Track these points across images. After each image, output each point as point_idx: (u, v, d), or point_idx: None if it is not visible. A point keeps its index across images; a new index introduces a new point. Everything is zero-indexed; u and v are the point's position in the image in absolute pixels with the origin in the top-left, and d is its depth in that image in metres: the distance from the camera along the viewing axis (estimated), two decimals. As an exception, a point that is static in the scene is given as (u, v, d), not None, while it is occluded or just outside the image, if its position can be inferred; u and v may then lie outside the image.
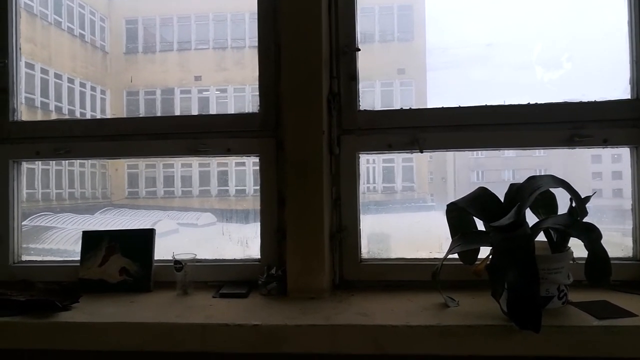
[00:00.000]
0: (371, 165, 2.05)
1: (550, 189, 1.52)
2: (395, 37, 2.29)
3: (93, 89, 2.43)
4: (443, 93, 1.80)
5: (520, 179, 1.51)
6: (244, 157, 1.83)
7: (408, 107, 1.76)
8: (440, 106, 1.74)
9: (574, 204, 1.43)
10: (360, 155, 1.78)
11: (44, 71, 2.30)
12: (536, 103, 1.70)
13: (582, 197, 1.43)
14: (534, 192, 1.40)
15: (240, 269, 1.79)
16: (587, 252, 1.36)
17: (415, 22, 2.28)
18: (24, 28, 1.97)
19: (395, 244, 1.88)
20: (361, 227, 1.78)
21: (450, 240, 1.60)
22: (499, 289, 1.38)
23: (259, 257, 1.79)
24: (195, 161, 2.41)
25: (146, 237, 1.79)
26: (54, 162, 2.31)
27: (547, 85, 1.71)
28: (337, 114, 1.74)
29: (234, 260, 1.83)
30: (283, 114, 1.71)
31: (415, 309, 1.50)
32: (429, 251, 1.78)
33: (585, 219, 1.41)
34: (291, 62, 1.67)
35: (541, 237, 1.50)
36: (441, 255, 1.70)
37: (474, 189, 1.58)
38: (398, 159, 2.00)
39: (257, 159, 1.79)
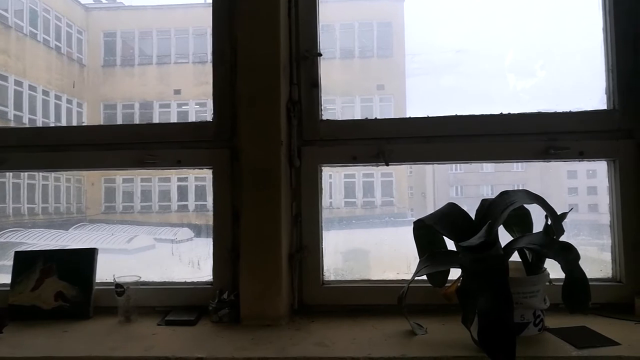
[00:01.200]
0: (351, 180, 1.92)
1: (525, 205, 1.41)
2: (374, 53, 2.22)
3: (69, 101, 2.37)
4: (417, 103, 1.68)
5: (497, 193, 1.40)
6: (195, 169, 1.68)
7: (373, 117, 1.64)
8: (408, 116, 1.63)
9: (549, 222, 1.32)
10: (322, 167, 1.65)
11: (17, 83, 2.23)
12: (509, 113, 1.60)
13: (558, 213, 1.32)
14: (507, 208, 1.28)
15: (190, 292, 1.63)
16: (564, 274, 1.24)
17: (394, 38, 2.21)
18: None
19: (362, 264, 1.74)
20: (324, 246, 1.64)
21: (418, 260, 1.48)
22: (470, 315, 1.25)
23: (212, 279, 1.63)
24: (174, 175, 2.35)
25: (87, 257, 1.62)
26: (25, 175, 2.20)
27: (520, 94, 1.62)
28: (297, 123, 1.61)
29: (184, 283, 1.67)
30: (239, 123, 1.57)
31: (379, 337, 1.36)
32: (396, 272, 1.65)
33: (562, 237, 1.30)
34: (247, 67, 1.54)
35: (515, 256, 1.38)
36: (409, 277, 1.58)
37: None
38: (377, 174, 1.87)
39: (211, 172, 1.64)
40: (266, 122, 1.52)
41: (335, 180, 1.92)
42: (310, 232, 1.61)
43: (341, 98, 1.92)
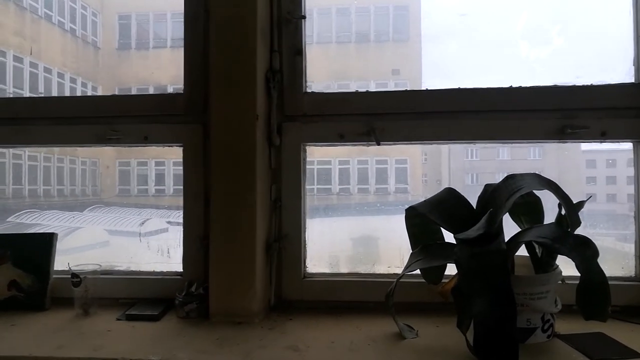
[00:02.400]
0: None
1: (536, 192, 1.22)
2: (390, 37, 2.05)
3: (84, 84, 2.34)
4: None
5: None
6: (165, 146, 1.51)
7: (364, 90, 1.44)
8: (403, 89, 1.43)
9: (563, 212, 1.12)
10: (306, 146, 1.47)
11: (33, 65, 2.21)
12: (520, 86, 1.39)
13: (574, 202, 1.12)
14: (513, 194, 1.09)
15: (159, 284, 1.47)
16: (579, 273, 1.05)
17: (410, 23, 2.04)
18: (12, 21, 1.84)
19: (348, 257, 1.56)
20: (307, 235, 1.46)
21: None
22: (466, 319, 1.07)
23: (182, 269, 1.46)
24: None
25: (44, 243, 1.47)
26: (41, 156, 2.20)
27: (534, 64, 1.41)
28: (277, 95, 1.43)
29: (152, 273, 1.51)
30: (209, 94, 1.39)
31: (362, 340, 1.18)
32: (387, 265, 1.47)
33: (578, 230, 1.11)
34: (220, 31, 1.35)
35: (522, 250, 1.19)
36: (400, 270, 1.40)
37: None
38: (391, 160, 1.69)
39: (181, 150, 1.47)
40: (240, 93, 1.33)
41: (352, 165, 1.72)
42: (291, 219, 1.44)
43: (355, 82, 1.73)
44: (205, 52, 1.43)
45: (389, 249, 1.51)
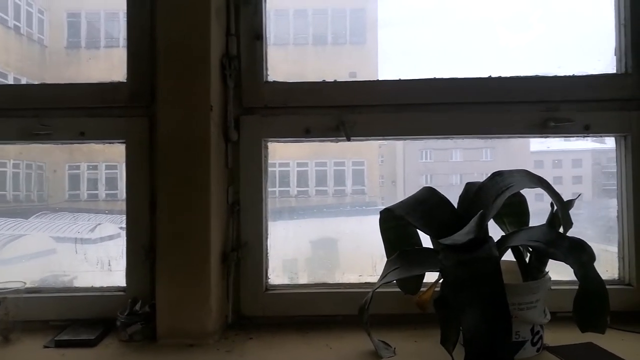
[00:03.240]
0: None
1: (520, 191, 1.10)
2: (347, 40, 1.94)
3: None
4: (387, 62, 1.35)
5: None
6: (104, 143, 1.32)
7: (332, 80, 1.30)
8: (374, 79, 1.29)
9: (554, 211, 1.01)
10: (268, 143, 1.31)
11: None
12: (499, 76, 1.29)
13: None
14: (502, 193, 0.97)
15: (98, 302, 1.27)
16: (573, 281, 0.94)
17: (367, 25, 1.93)
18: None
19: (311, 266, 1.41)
20: (269, 243, 1.31)
21: (385, 259, 1.16)
22: (452, 336, 0.94)
23: (125, 284, 1.27)
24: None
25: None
26: None
27: (513, 52, 1.30)
28: (235, 85, 1.26)
29: (91, 289, 1.31)
30: (156, 83, 1.21)
31: (333, 362, 1.04)
32: (358, 274, 1.33)
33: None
34: (169, 9, 1.18)
35: (507, 255, 1.08)
36: (375, 280, 1.26)
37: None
38: (348, 162, 1.57)
39: (124, 147, 1.28)
40: (191, 81, 1.16)
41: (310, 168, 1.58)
42: (252, 225, 1.27)
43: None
44: (152, 33, 1.26)
45: (361, 256, 1.36)
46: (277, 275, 1.31)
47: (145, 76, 1.27)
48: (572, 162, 1.52)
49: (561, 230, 1.00)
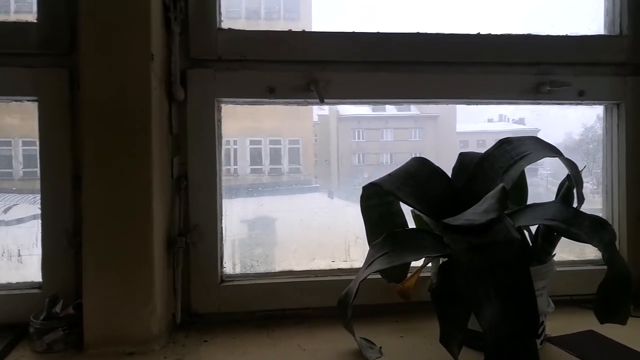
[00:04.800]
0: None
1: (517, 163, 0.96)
2: (281, 15, 1.71)
3: None
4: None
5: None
6: (9, 101, 1.03)
7: (301, 30, 1.09)
8: (352, 30, 1.09)
9: (567, 186, 0.87)
10: (221, 103, 1.08)
11: None
12: (489, 34, 1.13)
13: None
14: (515, 163, 0.81)
15: (4, 303, 1.00)
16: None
17: (301, 2, 1.71)
18: None
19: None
20: (224, 225, 1.09)
21: (363, 241, 1.00)
22: (456, 333, 0.79)
23: (41, 279, 1.01)
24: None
25: None
26: None
27: (504, 9, 1.15)
28: (181, 31, 1.02)
29: (-4, 286, 1.03)
30: (79, 26, 0.94)
31: (310, 369, 0.86)
32: (330, 259, 1.15)
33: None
34: None
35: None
36: (348, 265, 1.09)
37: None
38: (285, 141, 1.40)
39: (36, 106, 1.00)
40: (125, 23, 0.90)
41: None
42: (203, 203, 1.05)
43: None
44: (69, -40, 0.98)
45: (332, 238, 1.18)
46: (232, 265, 1.10)
47: (62, 15, 0.99)
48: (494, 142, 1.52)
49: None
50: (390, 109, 1.46)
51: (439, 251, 0.83)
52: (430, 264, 1.08)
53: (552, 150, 0.84)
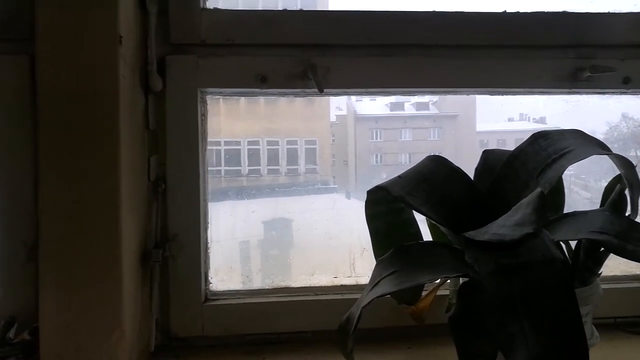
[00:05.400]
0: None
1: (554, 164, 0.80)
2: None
3: None
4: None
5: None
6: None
7: (297, 9, 0.94)
8: (355, 9, 0.94)
9: (620, 191, 0.71)
10: (206, 95, 0.94)
11: None
12: (517, 12, 0.97)
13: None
14: (554, 162, 0.65)
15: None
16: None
17: None
18: None
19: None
20: (210, 234, 0.95)
21: (368, 253, 0.85)
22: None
23: (-1, 297, 0.88)
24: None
25: None
26: None
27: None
28: (159, 12, 0.88)
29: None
30: (35, 4, 0.80)
31: (303, 412, 0.71)
32: (332, 274, 1.00)
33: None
34: None
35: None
36: (353, 282, 0.94)
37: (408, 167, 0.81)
38: (301, 141, 1.36)
39: None
40: (85, 1, 0.77)
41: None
42: (184, 210, 0.91)
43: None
44: None
45: (337, 248, 1.04)
46: (220, 279, 0.96)
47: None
48: (515, 142, 1.48)
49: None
50: (409, 108, 1.41)
51: (459, 270, 0.68)
52: (449, 280, 0.92)
53: (599, 146, 0.68)
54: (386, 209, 0.84)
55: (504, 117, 1.37)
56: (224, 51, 0.91)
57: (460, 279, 0.79)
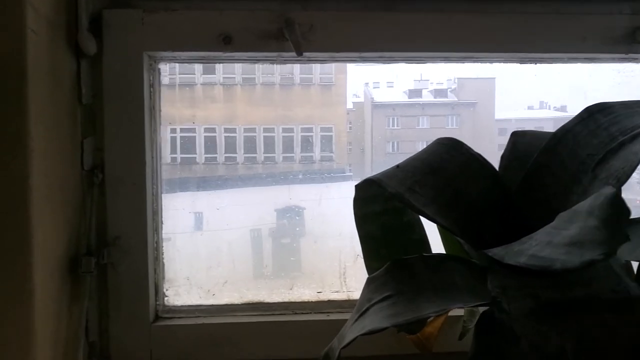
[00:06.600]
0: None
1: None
2: None
3: None
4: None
5: None
6: None
7: (272, -50, 0.74)
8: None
9: None
10: (156, 61, 0.75)
11: None
12: (557, -45, 0.76)
13: None
14: (624, 146, 0.44)
15: None
16: None
17: None
18: None
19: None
20: (161, 236, 0.76)
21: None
22: None
23: None
24: None
25: None
26: None
27: None
28: (90, -49, 0.69)
29: None
30: None
31: None
32: (316, 288, 0.80)
33: None
34: None
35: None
36: (345, 297, 0.75)
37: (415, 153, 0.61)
38: (316, 128, 1.23)
39: None
40: None
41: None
42: (128, 206, 0.72)
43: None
44: None
45: (322, 252, 0.84)
46: (176, 292, 0.77)
47: None
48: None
49: None
50: (427, 96, 1.38)
51: (479, 297, 0.48)
52: (463, 300, 0.72)
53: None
54: (382, 209, 0.64)
55: (523, 106, 1.32)
56: (177, 4, 0.71)
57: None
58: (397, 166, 0.57)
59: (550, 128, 1.40)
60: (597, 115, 0.49)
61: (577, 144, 0.49)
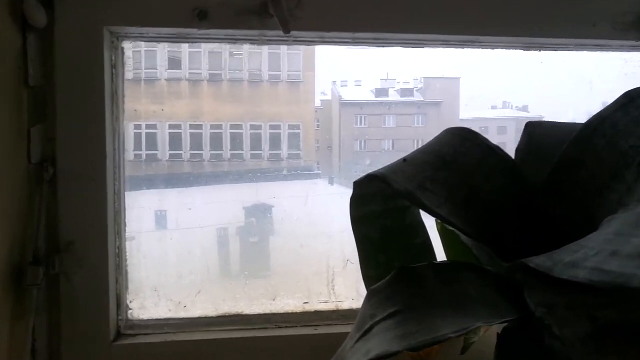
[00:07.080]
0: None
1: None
2: None
3: None
4: None
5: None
6: None
7: None
8: None
9: None
10: (120, 38, 0.65)
11: None
12: None
13: None
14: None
15: None
16: None
17: None
18: None
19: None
20: (125, 240, 0.66)
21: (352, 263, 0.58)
22: None
23: None
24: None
25: None
26: None
27: None
28: None
29: None
30: None
31: None
32: (302, 298, 0.72)
33: None
34: None
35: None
36: (334, 307, 0.67)
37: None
38: (284, 126, 1.20)
39: None
40: None
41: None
42: (85, 207, 0.62)
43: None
44: None
45: (309, 257, 0.76)
46: (141, 305, 0.67)
47: None
48: (497, 131, 1.56)
49: None
50: (394, 95, 1.37)
51: (500, 313, 0.41)
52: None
53: None
54: (382, 209, 0.56)
55: (487, 105, 1.34)
56: (144, -28, 0.61)
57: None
58: (404, 160, 0.49)
59: (513, 128, 1.38)
60: (637, 100, 0.43)
61: (617, 134, 0.42)
